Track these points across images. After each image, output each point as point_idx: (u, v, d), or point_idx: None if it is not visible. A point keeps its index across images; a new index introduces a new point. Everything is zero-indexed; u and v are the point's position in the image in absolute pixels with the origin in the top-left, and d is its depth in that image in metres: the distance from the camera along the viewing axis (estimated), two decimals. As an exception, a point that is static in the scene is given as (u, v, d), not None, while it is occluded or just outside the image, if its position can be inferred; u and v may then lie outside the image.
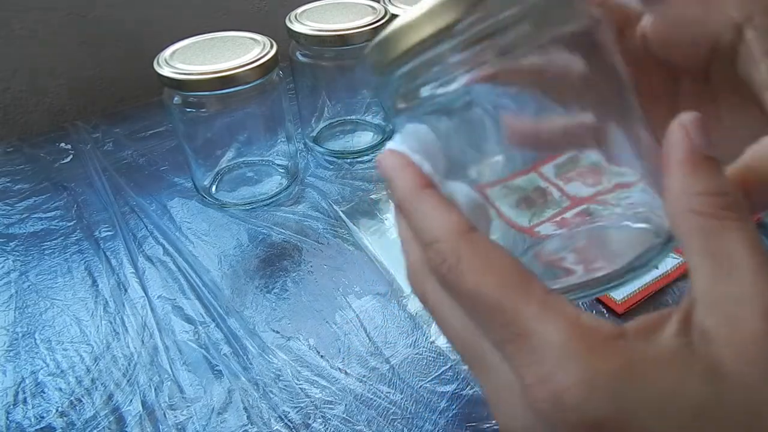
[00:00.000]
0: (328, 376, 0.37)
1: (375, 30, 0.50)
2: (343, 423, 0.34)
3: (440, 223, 0.18)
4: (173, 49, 0.47)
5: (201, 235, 0.49)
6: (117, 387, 0.37)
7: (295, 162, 0.54)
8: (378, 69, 0.20)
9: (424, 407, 0.35)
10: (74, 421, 0.35)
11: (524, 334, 0.15)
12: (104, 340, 0.40)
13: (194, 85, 0.44)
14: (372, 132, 0.60)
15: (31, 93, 0.66)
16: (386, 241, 0.47)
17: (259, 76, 0.46)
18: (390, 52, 0.19)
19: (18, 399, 0.36)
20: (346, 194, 0.53)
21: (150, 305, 0.42)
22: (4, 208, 0.53)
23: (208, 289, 0.43)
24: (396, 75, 0.20)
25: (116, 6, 0.67)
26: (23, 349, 0.40)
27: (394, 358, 0.38)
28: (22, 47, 0.63)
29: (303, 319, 0.41)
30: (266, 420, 0.34)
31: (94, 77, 0.69)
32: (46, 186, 0.56)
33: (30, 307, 0.43)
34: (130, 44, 0.69)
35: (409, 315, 0.41)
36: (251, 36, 0.49)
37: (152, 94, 0.65)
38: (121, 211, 0.52)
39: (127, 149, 0.61)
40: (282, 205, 0.52)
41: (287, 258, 0.46)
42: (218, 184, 0.54)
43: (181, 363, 0.38)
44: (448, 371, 0.37)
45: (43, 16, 0.63)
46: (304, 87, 0.56)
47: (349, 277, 0.44)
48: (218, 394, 0.36)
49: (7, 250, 0.48)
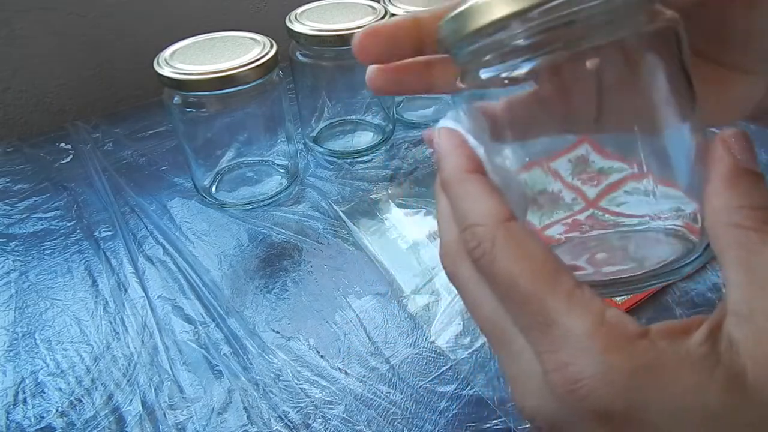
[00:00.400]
0: (328, 376, 0.37)
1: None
2: (343, 423, 0.34)
3: (481, 208, 0.18)
4: (173, 49, 0.47)
5: (201, 235, 0.49)
6: (117, 387, 0.37)
7: (295, 162, 0.54)
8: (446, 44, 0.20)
9: (424, 407, 0.35)
10: (74, 421, 0.35)
11: (549, 323, 0.16)
12: (104, 340, 0.40)
13: (194, 85, 0.44)
14: (372, 132, 0.60)
15: (31, 93, 0.66)
16: (386, 241, 0.47)
17: (259, 76, 0.46)
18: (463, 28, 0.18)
19: (18, 399, 0.36)
20: (346, 194, 0.53)
21: (150, 305, 0.42)
22: (4, 208, 0.53)
23: (208, 289, 0.43)
24: (463, 52, 0.19)
25: (116, 6, 0.67)
26: (23, 349, 0.40)
27: (394, 358, 0.38)
28: (22, 47, 0.63)
29: (303, 319, 0.41)
30: (266, 420, 0.34)
31: (94, 77, 0.69)
32: (46, 186, 0.56)
33: (30, 307, 0.43)
34: (130, 44, 0.69)
35: (409, 315, 0.41)
36: (251, 36, 0.49)
37: (152, 94, 0.65)
38: (121, 211, 0.52)
39: (127, 149, 0.61)
40: (282, 205, 0.52)
41: (287, 258, 0.46)
42: (218, 184, 0.54)
43: (181, 363, 0.38)
44: (448, 371, 0.37)
45: (43, 16, 0.63)
46: (304, 87, 0.56)
47: (349, 277, 0.44)
48: (218, 394, 0.36)
49: (7, 250, 0.48)
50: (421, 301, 0.42)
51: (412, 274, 0.44)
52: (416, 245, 0.47)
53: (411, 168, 0.56)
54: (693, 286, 0.41)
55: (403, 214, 0.50)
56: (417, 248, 0.46)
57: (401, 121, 0.62)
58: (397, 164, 0.56)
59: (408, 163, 0.57)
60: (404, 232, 0.48)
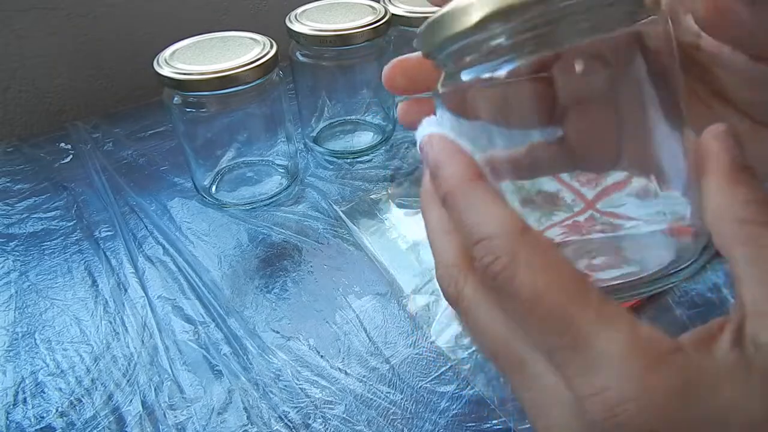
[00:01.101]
0: (328, 376, 0.37)
1: (375, 30, 0.50)
2: (343, 423, 0.34)
3: (494, 219, 0.17)
4: (173, 49, 0.47)
5: (201, 235, 0.49)
6: (117, 387, 0.37)
7: (295, 162, 0.54)
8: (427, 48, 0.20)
9: (424, 407, 0.35)
10: (74, 421, 0.35)
11: (580, 344, 0.15)
12: (104, 340, 0.40)
13: (194, 85, 0.44)
14: (372, 132, 0.60)
15: (31, 93, 0.66)
16: (386, 241, 0.47)
17: (259, 76, 0.46)
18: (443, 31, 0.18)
19: (18, 399, 0.36)
20: (346, 194, 0.53)
21: (150, 305, 0.42)
22: (4, 208, 0.53)
23: (208, 289, 0.43)
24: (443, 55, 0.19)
25: (116, 6, 0.67)
26: (23, 349, 0.40)
27: (394, 358, 0.38)
28: (22, 47, 0.63)
29: (303, 319, 0.41)
30: (266, 420, 0.34)
31: (94, 77, 0.69)
32: (46, 186, 0.56)
33: (30, 307, 0.43)
34: (130, 44, 0.69)
35: (409, 315, 0.41)
36: (251, 36, 0.49)
37: (152, 94, 0.65)
38: (121, 211, 0.52)
39: (127, 149, 0.61)
40: (282, 205, 0.52)
41: (287, 258, 0.46)
42: (218, 184, 0.54)
43: (181, 363, 0.38)
44: (448, 371, 0.37)
45: (43, 16, 0.63)
46: (304, 87, 0.56)
47: (349, 277, 0.44)
48: (218, 394, 0.36)
49: (7, 250, 0.48)
50: (421, 301, 0.42)
51: (412, 274, 0.44)
52: (416, 245, 0.47)
53: (411, 168, 0.56)
54: (693, 286, 0.41)
55: (403, 214, 0.50)
56: (417, 248, 0.46)
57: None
58: (397, 164, 0.56)
59: (408, 163, 0.57)
60: (404, 232, 0.48)
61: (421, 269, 0.44)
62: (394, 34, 0.56)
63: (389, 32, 0.54)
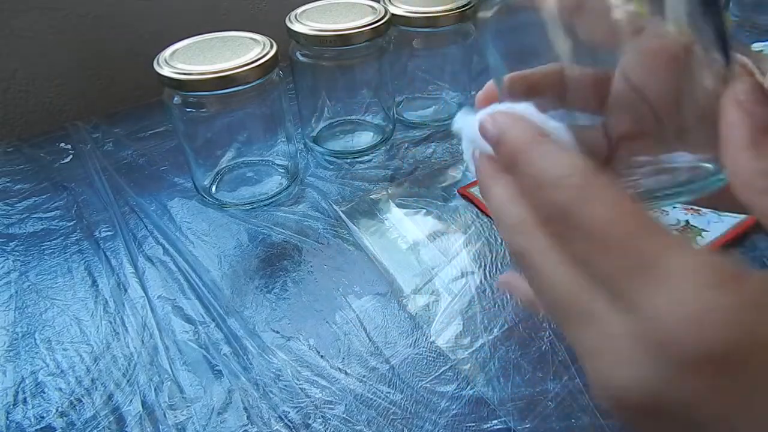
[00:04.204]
0: (328, 376, 0.37)
1: (375, 30, 0.50)
2: (343, 423, 0.34)
3: (568, 161, 0.17)
4: (173, 49, 0.47)
5: (201, 235, 0.49)
6: (117, 387, 0.37)
7: (295, 162, 0.54)
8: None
9: (424, 407, 0.35)
10: (74, 421, 0.35)
11: (650, 264, 0.15)
12: (104, 340, 0.40)
13: (194, 85, 0.44)
14: (372, 132, 0.60)
15: (31, 93, 0.66)
16: (386, 241, 0.47)
17: (259, 76, 0.46)
18: None
19: (18, 399, 0.36)
20: (346, 194, 0.53)
21: (150, 305, 0.42)
22: (4, 208, 0.53)
23: (208, 289, 0.43)
24: None
25: (116, 6, 0.67)
26: (23, 349, 0.40)
27: (394, 358, 0.38)
28: (22, 47, 0.63)
29: (303, 319, 0.41)
30: (266, 420, 0.34)
31: (94, 77, 0.69)
32: (46, 186, 0.56)
33: (30, 307, 0.43)
34: (130, 44, 0.69)
35: (409, 315, 0.41)
36: (251, 36, 0.49)
37: (152, 94, 0.65)
38: (121, 211, 0.52)
39: (127, 149, 0.61)
40: (282, 205, 0.52)
41: (287, 258, 0.46)
42: (218, 184, 0.54)
43: (181, 363, 0.38)
44: (448, 371, 0.37)
45: (43, 16, 0.63)
46: (304, 87, 0.56)
47: (349, 277, 0.44)
48: (218, 394, 0.36)
49: (7, 250, 0.48)
50: (421, 301, 0.42)
51: (412, 274, 0.44)
52: (416, 245, 0.47)
53: (411, 168, 0.56)
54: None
55: (403, 214, 0.50)
56: (417, 248, 0.46)
57: (401, 121, 0.62)
58: (397, 164, 0.56)
59: (408, 163, 0.57)
60: (404, 232, 0.48)
61: (421, 269, 0.44)
62: (394, 34, 0.56)
63: (389, 32, 0.54)
